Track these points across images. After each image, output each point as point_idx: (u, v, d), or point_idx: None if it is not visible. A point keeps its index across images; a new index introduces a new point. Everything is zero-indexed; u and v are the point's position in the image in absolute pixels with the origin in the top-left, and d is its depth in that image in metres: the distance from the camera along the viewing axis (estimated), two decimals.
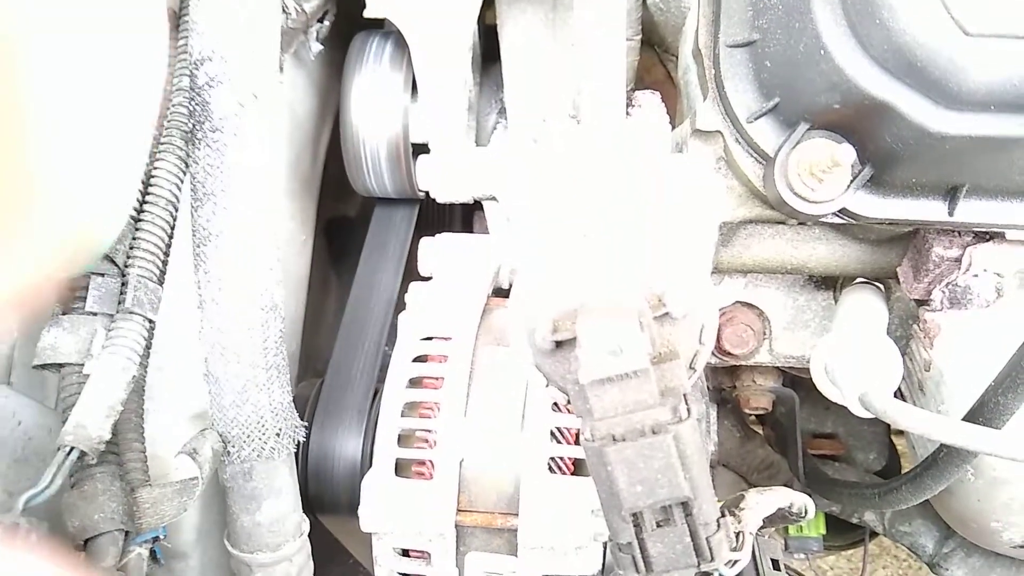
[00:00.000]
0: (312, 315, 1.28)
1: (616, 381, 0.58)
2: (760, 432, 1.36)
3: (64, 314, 0.72)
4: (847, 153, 0.68)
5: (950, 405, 0.85)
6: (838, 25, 0.67)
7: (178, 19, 0.83)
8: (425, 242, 1.08)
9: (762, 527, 0.74)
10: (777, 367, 1.12)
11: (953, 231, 0.81)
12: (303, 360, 1.27)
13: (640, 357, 0.56)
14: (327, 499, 0.99)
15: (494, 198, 1.14)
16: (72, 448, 0.64)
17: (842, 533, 1.40)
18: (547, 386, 0.65)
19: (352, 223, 1.45)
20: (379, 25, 1.12)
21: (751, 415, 1.25)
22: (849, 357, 0.80)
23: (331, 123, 1.30)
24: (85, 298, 0.72)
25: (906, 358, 0.90)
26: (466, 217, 1.34)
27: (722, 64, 0.79)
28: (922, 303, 0.88)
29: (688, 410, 0.59)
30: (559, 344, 0.62)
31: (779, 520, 0.81)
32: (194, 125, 0.75)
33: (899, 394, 0.90)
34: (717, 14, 0.80)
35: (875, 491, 0.89)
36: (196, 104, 0.75)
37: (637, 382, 0.58)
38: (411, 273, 1.12)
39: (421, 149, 1.15)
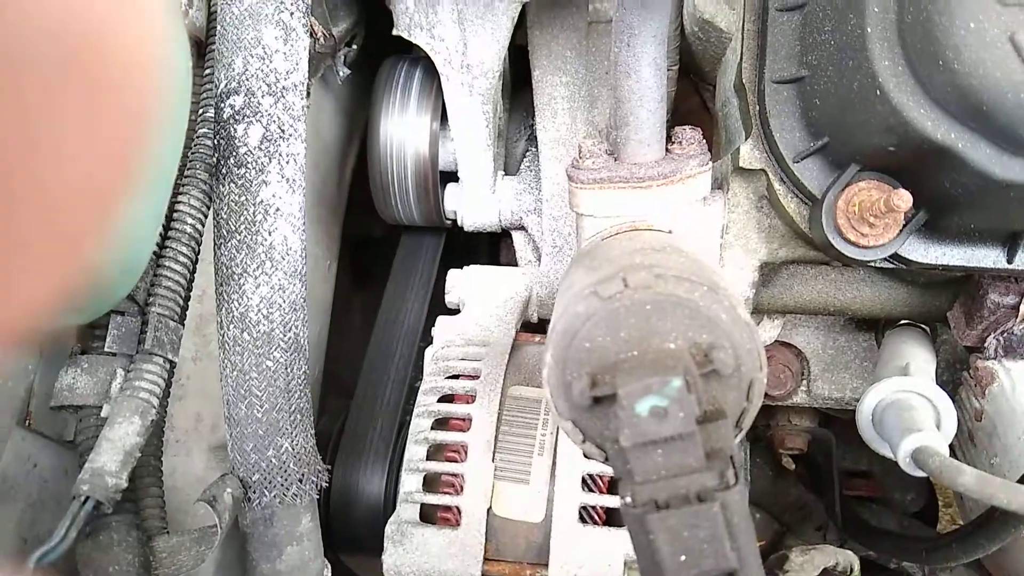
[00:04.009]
0: (336, 334, 1.25)
1: (660, 443, 0.54)
2: (792, 470, 1.31)
3: (83, 353, 0.70)
4: (904, 199, 0.64)
5: (1003, 459, 0.80)
6: (896, 64, 0.63)
7: (204, 48, 0.81)
8: (453, 273, 1.05)
9: None
10: (814, 407, 1.08)
11: (1010, 278, 0.77)
12: (326, 380, 1.24)
13: (687, 420, 0.53)
14: (350, 539, 0.97)
15: (523, 228, 1.12)
16: (87, 498, 0.61)
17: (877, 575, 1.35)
18: (583, 442, 0.62)
19: (378, 242, 1.42)
20: (407, 49, 1.10)
21: (785, 454, 1.21)
22: (898, 408, 0.76)
23: (358, 146, 1.28)
24: (104, 337, 0.70)
25: (954, 406, 0.86)
26: (492, 247, 1.31)
27: (767, 100, 0.76)
28: (974, 350, 0.84)
29: (736, 475, 0.56)
30: (597, 400, 0.59)
31: None
32: (218, 159, 0.72)
33: None
34: (762, 48, 0.77)
35: (922, 547, 0.85)
36: (221, 138, 0.72)
37: (682, 445, 0.54)
38: (438, 304, 1.09)
39: (449, 177, 1.12)
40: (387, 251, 1.26)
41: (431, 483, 0.84)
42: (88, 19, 0.27)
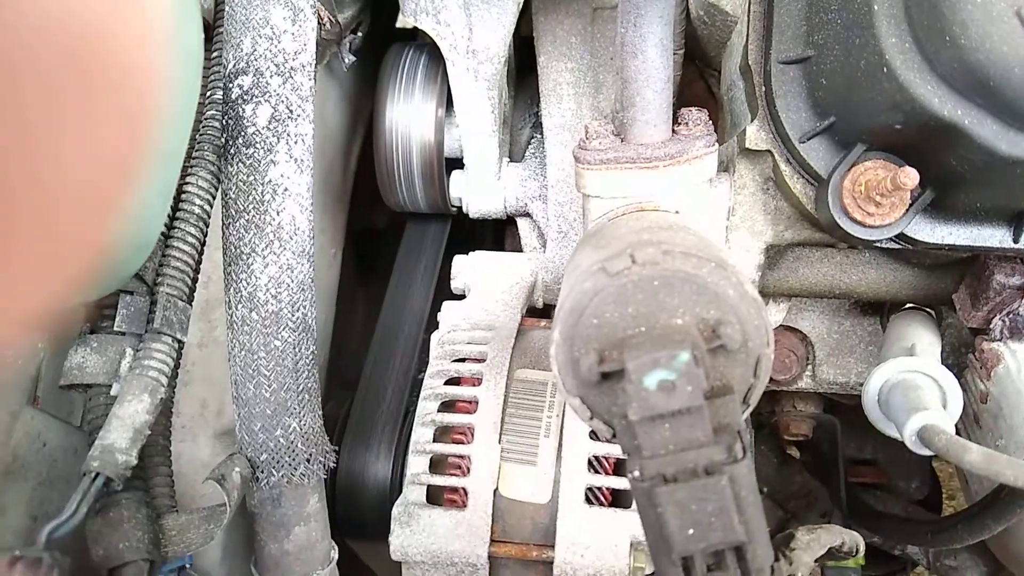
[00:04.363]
0: (340, 326, 1.26)
1: (668, 417, 0.55)
2: (797, 457, 1.31)
3: (92, 333, 0.70)
4: (911, 176, 0.65)
5: (1009, 440, 0.80)
6: (903, 41, 0.64)
7: (212, 30, 0.81)
8: (459, 259, 1.05)
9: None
10: (819, 393, 1.08)
11: (1016, 258, 0.78)
12: (331, 371, 1.25)
13: (694, 394, 0.53)
14: (356, 523, 0.97)
15: (528, 214, 1.12)
16: (97, 474, 0.62)
17: (881, 563, 1.35)
18: (591, 419, 0.62)
19: (381, 234, 1.43)
20: (413, 36, 1.10)
21: (790, 441, 1.21)
22: (904, 388, 0.76)
23: (362, 134, 1.28)
24: (113, 317, 0.70)
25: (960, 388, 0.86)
26: (497, 234, 1.32)
27: (773, 81, 0.76)
28: (979, 332, 0.84)
29: (743, 449, 0.56)
30: (605, 375, 0.59)
31: (828, 558, 0.77)
32: (227, 140, 0.73)
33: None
34: (768, 29, 0.77)
35: (927, 528, 0.85)
36: (229, 118, 0.72)
37: (690, 419, 0.55)
38: (443, 290, 1.09)
39: (454, 164, 1.12)
40: (391, 244, 1.26)
41: (438, 465, 0.84)
42: (87, 20, 0.27)
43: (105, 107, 0.29)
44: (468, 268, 1.05)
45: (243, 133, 0.71)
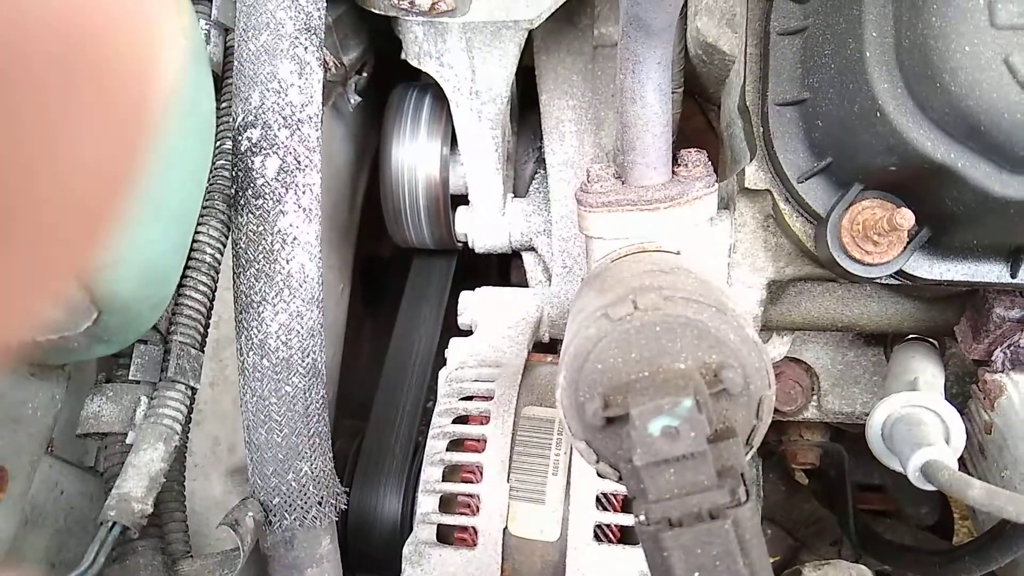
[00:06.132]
0: (346, 354, 1.27)
1: (672, 463, 0.56)
2: (806, 484, 1.32)
3: (108, 382, 0.72)
4: (907, 218, 0.66)
5: (1014, 471, 0.81)
6: (895, 87, 0.65)
7: (220, 82, 0.83)
8: (465, 295, 1.07)
9: None
10: (825, 422, 1.09)
11: (1015, 291, 0.78)
12: (338, 402, 1.26)
13: (698, 440, 0.54)
14: (367, 560, 0.98)
15: (533, 249, 1.13)
16: (114, 523, 0.63)
17: None
18: (597, 462, 0.63)
19: (386, 263, 1.44)
20: (416, 75, 1.12)
21: (798, 469, 1.21)
22: (907, 423, 0.77)
23: (368, 170, 1.30)
24: (128, 366, 0.71)
25: (964, 419, 0.87)
26: (503, 267, 1.33)
27: (771, 122, 0.77)
28: (982, 363, 0.85)
29: (747, 492, 0.57)
30: (610, 420, 0.60)
31: None
32: (236, 191, 0.75)
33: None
34: (765, 71, 0.78)
35: (936, 559, 0.86)
36: (239, 170, 0.74)
37: (694, 464, 0.56)
38: (450, 324, 1.11)
39: (460, 200, 1.14)
40: (396, 272, 1.28)
41: (447, 504, 0.85)
42: (80, 24, 0.27)
43: (97, 113, 0.28)
44: (474, 304, 1.06)
45: (252, 185, 0.73)
